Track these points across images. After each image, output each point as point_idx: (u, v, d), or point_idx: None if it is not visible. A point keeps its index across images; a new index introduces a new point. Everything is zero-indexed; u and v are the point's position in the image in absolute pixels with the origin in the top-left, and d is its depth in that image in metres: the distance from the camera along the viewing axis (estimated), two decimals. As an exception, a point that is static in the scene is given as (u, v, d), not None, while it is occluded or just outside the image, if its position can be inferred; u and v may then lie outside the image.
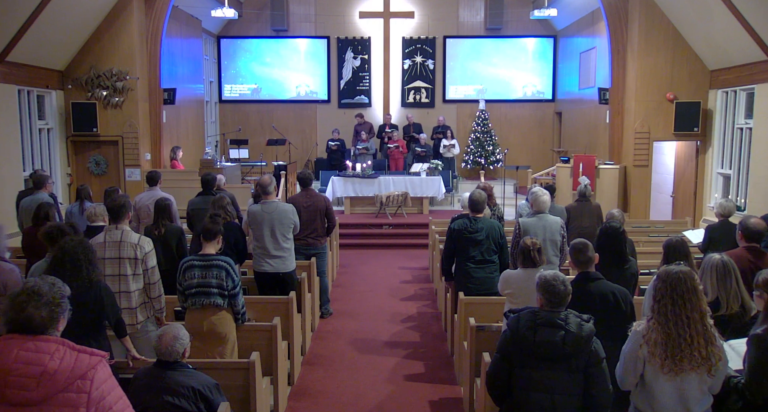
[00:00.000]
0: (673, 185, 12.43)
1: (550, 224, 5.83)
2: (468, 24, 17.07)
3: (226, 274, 4.74)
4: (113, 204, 4.84)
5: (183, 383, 3.49)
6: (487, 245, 5.81)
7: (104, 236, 4.72)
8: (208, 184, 7.61)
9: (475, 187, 8.25)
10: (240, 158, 14.26)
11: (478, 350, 4.83)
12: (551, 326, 3.21)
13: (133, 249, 4.68)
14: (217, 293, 4.71)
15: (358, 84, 17.15)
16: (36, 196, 7.35)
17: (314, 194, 7.55)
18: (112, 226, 4.80)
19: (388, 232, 12.47)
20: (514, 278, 4.74)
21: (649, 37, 11.30)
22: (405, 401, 5.48)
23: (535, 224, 5.80)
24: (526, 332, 3.23)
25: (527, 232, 5.67)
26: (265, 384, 4.71)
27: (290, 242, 6.42)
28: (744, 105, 10.36)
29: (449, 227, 6.05)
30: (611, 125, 12.08)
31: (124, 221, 4.82)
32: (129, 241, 4.70)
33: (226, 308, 4.76)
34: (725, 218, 6.63)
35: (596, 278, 4.08)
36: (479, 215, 5.92)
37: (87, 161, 11.47)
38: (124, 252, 4.66)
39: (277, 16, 16.53)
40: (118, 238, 4.70)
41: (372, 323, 7.62)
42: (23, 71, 9.79)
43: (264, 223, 6.26)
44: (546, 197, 5.94)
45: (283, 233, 6.31)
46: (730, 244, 6.33)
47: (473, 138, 16.35)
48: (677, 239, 4.63)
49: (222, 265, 4.77)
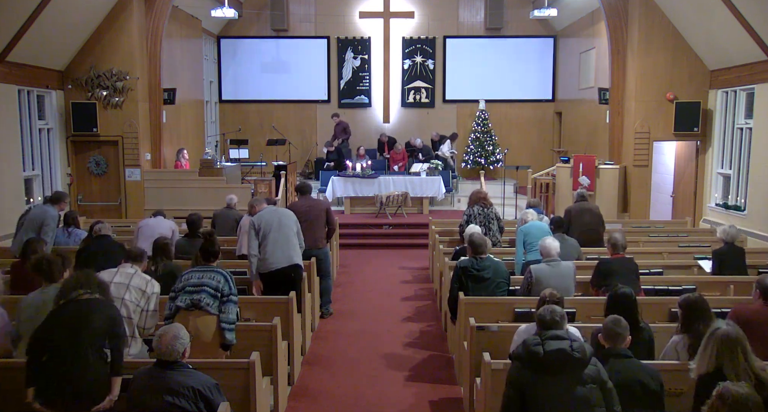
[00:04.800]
0: (673, 185, 12.43)
1: (563, 271, 5.66)
2: (468, 24, 17.07)
3: (225, 279, 4.74)
4: (138, 250, 5.11)
5: (183, 383, 3.49)
6: (493, 283, 5.74)
7: (117, 269, 4.85)
8: (194, 225, 7.24)
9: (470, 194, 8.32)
10: (240, 158, 14.25)
11: (478, 350, 4.82)
12: (558, 338, 3.31)
13: (144, 283, 4.76)
14: (211, 293, 4.65)
15: (358, 84, 17.14)
16: (46, 207, 7.41)
17: (313, 200, 7.62)
18: (128, 264, 4.90)
19: (388, 232, 12.47)
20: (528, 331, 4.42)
21: (648, 37, 11.30)
22: (405, 401, 5.48)
23: (548, 273, 5.60)
24: (535, 348, 3.29)
25: (540, 281, 5.54)
26: (265, 384, 4.70)
27: (296, 240, 6.46)
28: (744, 105, 10.36)
29: (456, 265, 5.93)
30: (611, 125, 12.08)
31: (140, 264, 4.98)
32: (141, 276, 4.83)
33: (214, 314, 4.63)
34: (730, 243, 6.70)
35: (626, 356, 3.67)
36: (483, 256, 5.83)
37: (87, 161, 11.47)
38: (133, 282, 4.73)
39: (277, 16, 16.52)
40: (132, 272, 4.83)
41: (372, 323, 7.62)
42: (23, 71, 9.79)
43: (274, 221, 6.30)
44: (556, 244, 5.75)
45: (289, 233, 6.36)
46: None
47: (473, 138, 16.35)
48: (696, 297, 4.17)
49: (222, 271, 4.80)
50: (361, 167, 13.67)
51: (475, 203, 7.96)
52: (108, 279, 4.60)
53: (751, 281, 6.20)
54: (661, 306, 5.56)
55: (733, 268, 6.60)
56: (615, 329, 3.68)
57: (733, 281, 6.31)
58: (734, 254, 6.68)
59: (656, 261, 7.44)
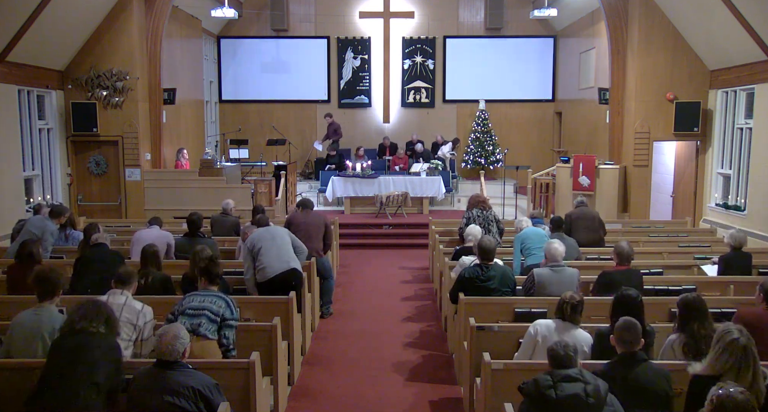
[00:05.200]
0: (673, 185, 12.43)
1: (567, 277, 5.55)
2: (468, 24, 17.07)
3: (226, 304, 4.64)
4: (125, 271, 4.78)
5: (183, 383, 3.49)
6: (498, 292, 5.65)
7: (107, 298, 4.57)
8: (194, 225, 7.21)
9: (470, 197, 8.33)
10: (240, 158, 14.25)
11: (478, 350, 4.82)
12: (571, 380, 3.18)
13: (135, 314, 4.53)
14: (210, 317, 4.52)
15: (358, 84, 17.15)
16: (45, 221, 7.36)
17: (313, 214, 7.73)
18: (117, 290, 4.66)
19: (388, 232, 12.47)
20: (544, 325, 4.47)
21: (649, 37, 11.30)
22: (405, 401, 5.48)
23: (550, 278, 5.53)
24: (547, 392, 3.16)
25: (542, 285, 5.52)
26: (265, 384, 4.70)
27: (291, 248, 6.42)
28: (744, 105, 10.36)
29: (460, 274, 5.84)
30: (611, 125, 12.08)
31: (129, 288, 4.73)
32: (132, 305, 4.59)
33: (212, 339, 4.52)
34: (738, 249, 6.61)
35: (642, 360, 3.63)
36: (490, 263, 5.72)
37: (87, 161, 11.48)
38: (125, 315, 4.49)
39: (277, 16, 16.52)
40: (122, 302, 4.58)
41: (372, 323, 7.62)
42: (23, 71, 9.79)
43: (269, 237, 6.26)
44: (561, 248, 5.60)
45: (282, 243, 6.31)
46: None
47: (473, 138, 16.35)
48: (694, 297, 4.20)
49: (223, 297, 4.69)
50: (361, 167, 13.67)
51: (474, 206, 8.04)
52: None
53: (751, 282, 6.21)
54: (661, 306, 5.55)
55: (740, 274, 6.52)
56: (626, 337, 3.63)
57: (734, 281, 6.30)
58: (741, 261, 6.58)
59: (656, 261, 7.44)
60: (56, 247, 7.52)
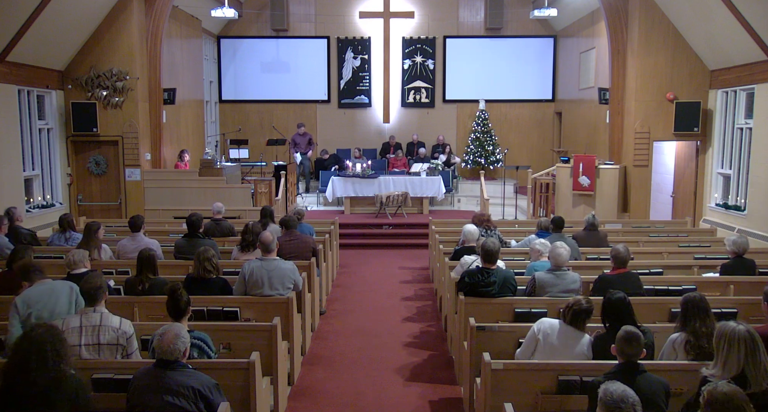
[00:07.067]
0: (673, 185, 12.43)
1: (568, 282, 5.51)
2: (468, 24, 17.07)
3: (199, 349, 4.27)
4: (89, 286, 4.26)
5: (183, 383, 3.49)
6: (499, 295, 5.58)
7: (80, 319, 4.20)
8: (194, 226, 7.10)
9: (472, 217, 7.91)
10: (240, 158, 14.27)
11: (478, 350, 4.82)
12: None
13: (115, 333, 4.19)
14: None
15: (358, 84, 17.14)
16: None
17: (300, 236, 7.24)
18: (89, 309, 4.24)
19: (388, 232, 12.47)
20: (548, 324, 4.45)
21: (649, 37, 11.30)
22: (405, 401, 5.48)
23: (551, 282, 5.49)
24: None
25: (542, 287, 5.49)
26: (265, 384, 4.70)
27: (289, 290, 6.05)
28: (744, 105, 10.36)
29: (461, 277, 5.74)
30: (611, 125, 12.08)
31: (101, 303, 4.29)
32: (109, 325, 4.20)
33: None
34: (739, 255, 6.50)
35: (642, 371, 3.62)
36: (493, 267, 5.60)
37: (87, 161, 11.47)
38: (104, 337, 4.16)
39: (277, 16, 16.53)
40: (97, 322, 4.18)
41: (372, 323, 7.62)
42: (23, 71, 9.79)
43: (264, 280, 5.80)
44: (565, 252, 5.49)
45: (281, 291, 5.89)
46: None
47: (473, 138, 16.35)
48: (696, 295, 4.22)
49: (198, 336, 4.31)
50: (361, 167, 13.67)
51: (478, 226, 7.50)
52: (75, 342, 4.08)
53: (751, 282, 6.22)
54: (661, 306, 5.55)
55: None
56: (627, 350, 3.61)
57: (734, 281, 6.30)
58: (743, 267, 6.46)
59: (656, 261, 7.43)
60: (56, 247, 7.53)
